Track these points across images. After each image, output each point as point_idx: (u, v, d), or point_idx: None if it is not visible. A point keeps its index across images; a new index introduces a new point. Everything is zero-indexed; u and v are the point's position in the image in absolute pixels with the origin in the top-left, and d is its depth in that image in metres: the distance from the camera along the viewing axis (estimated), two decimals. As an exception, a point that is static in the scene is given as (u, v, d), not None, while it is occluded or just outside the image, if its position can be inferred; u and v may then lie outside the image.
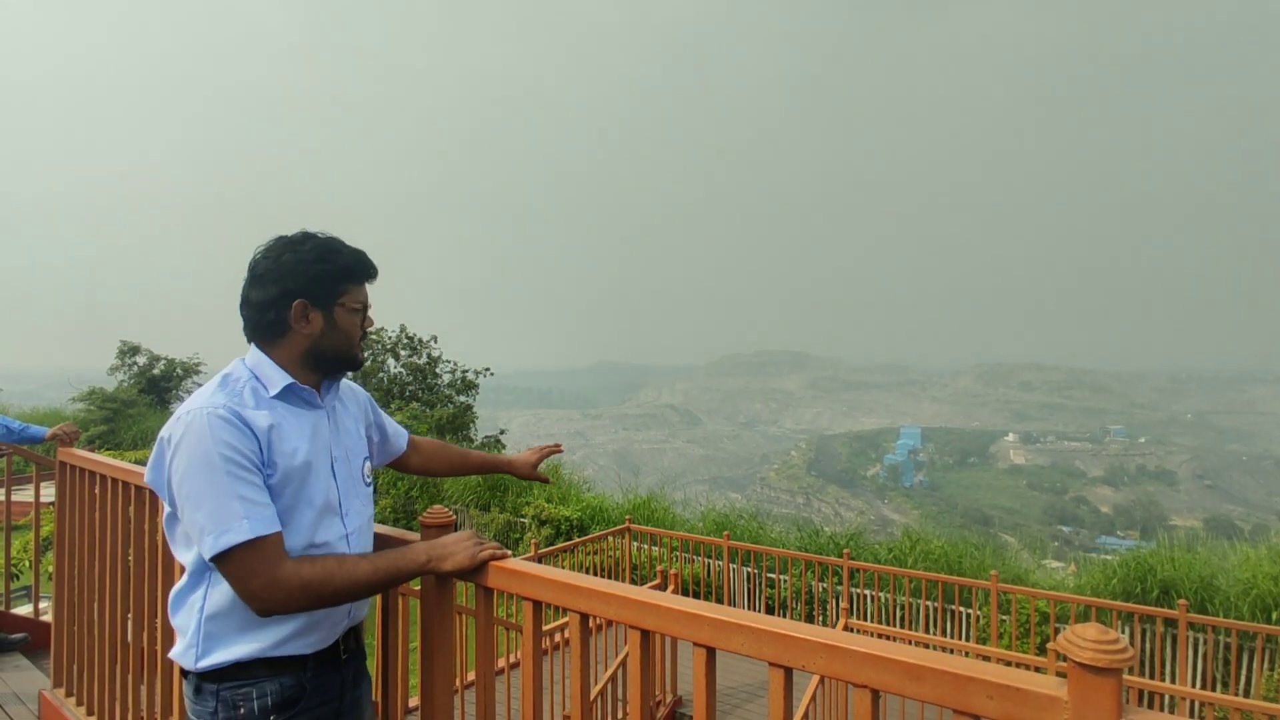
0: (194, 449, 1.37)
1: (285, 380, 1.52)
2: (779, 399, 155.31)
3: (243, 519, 1.34)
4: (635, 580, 8.43)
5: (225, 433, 1.38)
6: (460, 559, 1.48)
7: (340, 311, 1.58)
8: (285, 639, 1.47)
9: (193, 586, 1.47)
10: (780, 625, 1.07)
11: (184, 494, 1.37)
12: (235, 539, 1.33)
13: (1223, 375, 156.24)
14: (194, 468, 1.36)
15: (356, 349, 1.63)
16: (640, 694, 1.25)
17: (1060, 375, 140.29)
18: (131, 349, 19.57)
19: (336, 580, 1.40)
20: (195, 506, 1.35)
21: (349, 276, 1.59)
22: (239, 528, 1.34)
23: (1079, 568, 9.53)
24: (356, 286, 1.61)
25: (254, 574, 1.34)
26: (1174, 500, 74.26)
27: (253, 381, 1.51)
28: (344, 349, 1.60)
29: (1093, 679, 0.83)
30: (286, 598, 1.36)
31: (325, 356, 1.59)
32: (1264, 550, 7.29)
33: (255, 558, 1.34)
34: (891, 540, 9.68)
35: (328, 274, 1.55)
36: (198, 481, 1.36)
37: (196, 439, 1.37)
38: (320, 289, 1.55)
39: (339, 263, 1.57)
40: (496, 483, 12.41)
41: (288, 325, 1.54)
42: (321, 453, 1.56)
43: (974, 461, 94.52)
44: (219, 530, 1.33)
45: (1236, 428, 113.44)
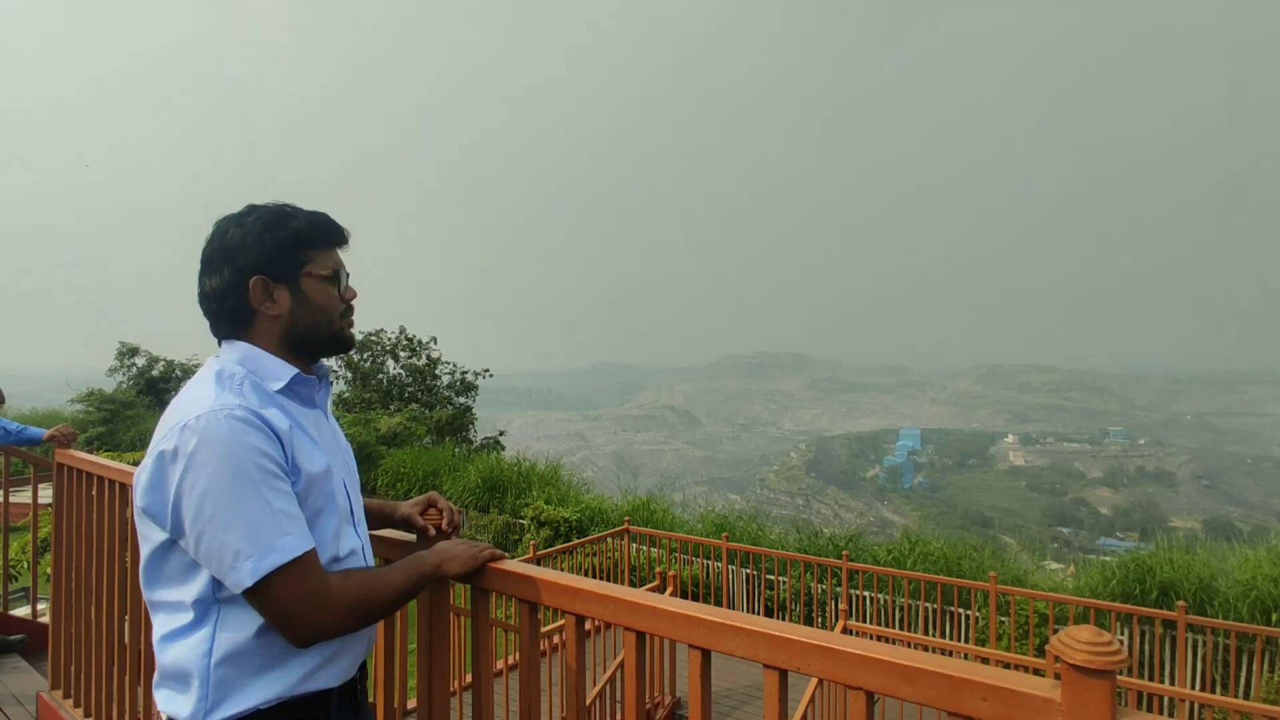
0: (218, 461, 1.16)
1: (290, 371, 1.34)
2: (778, 400, 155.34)
3: (286, 534, 1.17)
4: (634, 582, 8.43)
5: (252, 436, 1.19)
6: (464, 560, 1.41)
7: (309, 282, 1.37)
8: (312, 671, 1.28)
9: (194, 628, 1.23)
10: (775, 627, 1.07)
11: (206, 516, 1.15)
12: (280, 559, 1.15)
13: (1222, 376, 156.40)
14: (221, 483, 1.15)
15: (340, 323, 1.42)
16: (635, 696, 1.25)
17: (1059, 377, 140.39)
18: (130, 350, 19.57)
19: (382, 593, 1.27)
20: (225, 529, 1.14)
21: (308, 241, 1.37)
22: (283, 546, 1.16)
23: (1078, 569, 9.53)
24: (321, 251, 1.39)
25: (300, 597, 1.17)
26: (1173, 502, 74.26)
27: (251, 377, 1.30)
28: (324, 324, 1.39)
29: (1086, 681, 0.83)
30: (337, 619, 1.21)
31: (306, 338, 1.38)
32: (1263, 552, 7.29)
33: (301, 578, 1.17)
34: (891, 542, 9.68)
35: (282, 242, 1.34)
36: (227, 499, 1.15)
37: (220, 448, 1.16)
38: (278, 260, 1.34)
39: (292, 226, 1.35)
40: (495, 484, 12.40)
41: (251, 309, 1.34)
42: (334, 454, 1.41)
43: (973, 463, 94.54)
44: (260, 552, 1.14)
45: (1236, 429, 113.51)
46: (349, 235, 1.46)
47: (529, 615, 1.43)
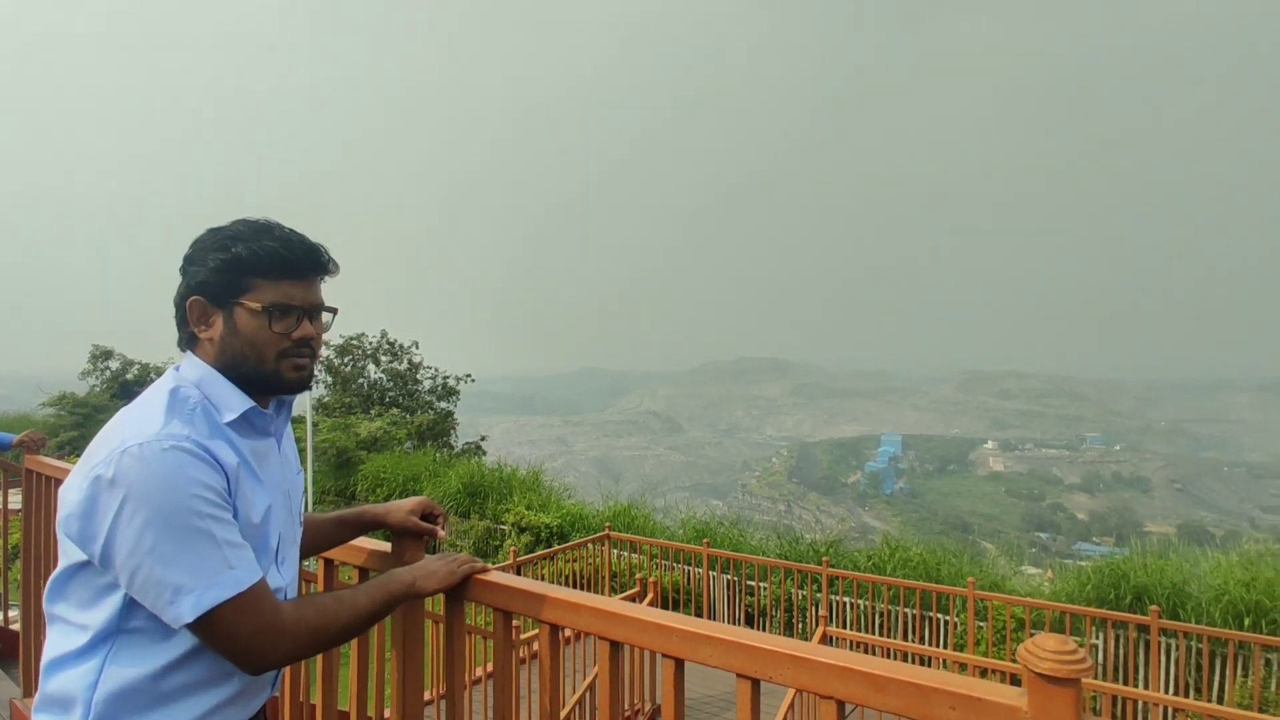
0: (161, 493, 1.09)
1: (245, 404, 1.25)
2: (761, 406, 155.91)
3: (230, 568, 1.12)
4: (615, 588, 8.41)
5: (196, 470, 1.12)
6: (441, 576, 1.38)
7: (241, 312, 1.24)
8: (206, 713, 1.19)
9: (85, 655, 1.14)
10: (747, 636, 1.07)
11: (145, 549, 1.08)
12: (224, 593, 1.10)
13: (1197, 383, 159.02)
14: (162, 517, 1.08)
15: (276, 364, 1.27)
16: (610, 705, 1.24)
17: (1038, 383, 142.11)
18: (104, 353, 19.30)
19: (342, 618, 1.23)
20: (165, 564, 1.08)
21: (253, 269, 1.23)
22: (228, 580, 1.11)
23: (1056, 574, 9.63)
24: (269, 282, 1.24)
25: (253, 629, 1.12)
26: (1148, 507, 75.33)
27: (205, 403, 1.22)
28: (252, 360, 1.25)
29: (1052, 689, 0.84)
30: (293, 649, 1.17)
31: (235, 371, 1.26)
32: (1235, 557, 7.40)
33: (252, 610, 1.12)
34: (871, 547, 9.73)
35: (222, 265, 1.23)
36: (168, 534, 1.08)
37: (163, 480, 1.09)
38: (216, 284, 1.23)
39: (237, 252, 1.23)
40: (476, 489, 12.34)
41: (191, 329, 1.27)
42: (277, 493, 1.32)
43: (954, 468, 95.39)
44: (203, 586, 1.09)
45: (1210, 435, 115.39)
46: (329, 268, 1.33)
47: (503, 624, 1.42)
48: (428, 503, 1.59)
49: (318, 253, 1.31)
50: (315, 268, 1.31)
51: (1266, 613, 6.47)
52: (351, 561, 1.65)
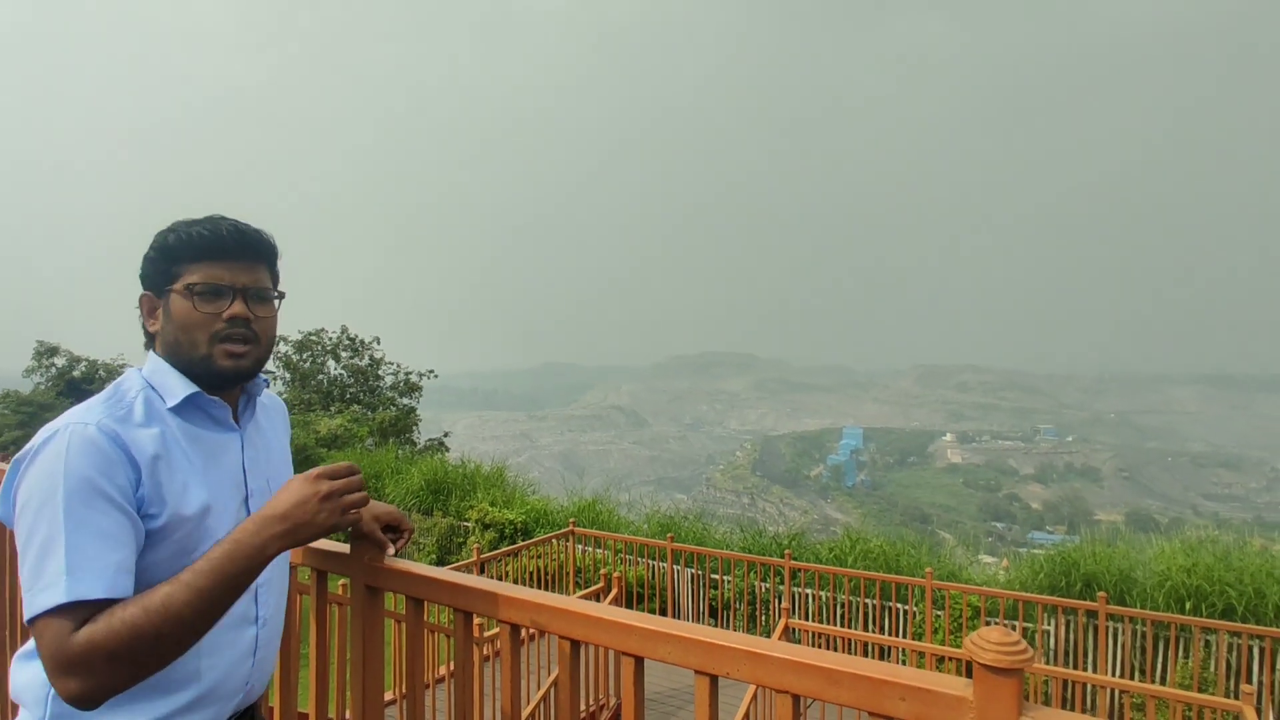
0: (42, 475, 1.05)
1: (188, 389, 1.21)
2: (725, 400, 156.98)
3: (61, 577, 1.00)
4: (580, 584, 8.42)
5: (88, 458, 1.06)
6: (323, 521, 1.15)
7: (174, 299, 1.22)
8: (166, 716, 1.15)
9: (35, 654, 1.10)
10: (705, 634, 1.09)
11: (21, 528, 1.05)
12: (45, 603, 1.00)
13: (1142, 377, 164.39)
14: (35, 499, 1.05)
15: (203, 348, 1.22)
16: (571, 703, 1.25)
17: (994, 377, 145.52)
18: (49, 350, 18.67)
19: (151, 626, 1.02)
20: (27, 549, 1.04)
21: (180, 254, 1.22)
22: (53, 587, 1.00)
23: (1011, 562, 9.90)
24: (194, 265, 1.22)
25: (47, 655, 1.00)
26: (1098, 496, 77.77)
27: (147, 391, 1.20)
28: (185, 345, 1.21)
29: (995, 679, 0.87)
30: (97, 682, 1.00)
31: (176, 361, 1.23)
32: (1177, 544, 7.69)
33: (49, 634, 1.00)
34: (833, 540, 9.89)
35: (157, 254, 1.23)
36: (36, 518, 1.04)
37: (49, 463, 1.06)
38: (153, 275, 1.24)
39: (165, 239, 1.23)
40: (439, 486, 12.23)
41: (145, 326, 1.28)
42: (228, 487, 1.25)
43: (913, 461, 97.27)
44: (36, 588, 1.01)
45: (1156, 426, 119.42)
46: (260, 251, 1.29)
47: (464, 623, 1.42)
48: (397, 515, 1.50)
49: (250, 236, 1.27)
50: (246, 250, 1.27)
51: (1206, 597, 6.74)
52: (309, 564, 1.63)
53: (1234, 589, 6.68)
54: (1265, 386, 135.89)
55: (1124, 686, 5.11)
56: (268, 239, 1.32)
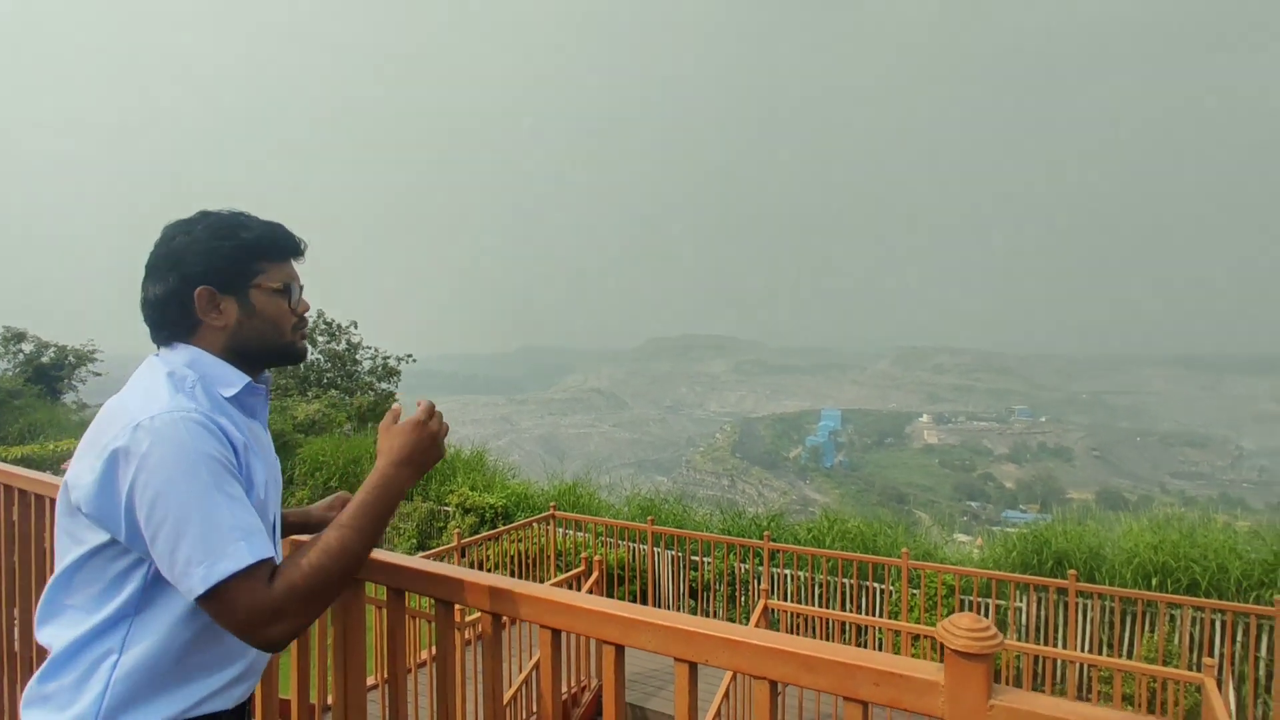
0: (173, 464, 1.12)
1: (243, 380, 1.31)
2: (704, 383, 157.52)
3: (237, 541, 1.11)
4: (560, 566, 8.46)
5: (208, 441, 1.15)
6: (437, 457, 1.35)
7: (258, 294, 1.33)
8: (212, 694, 1.24)
9: (101, 636, 1.17)
10: (684, 622, 1.11)
11: (158, 519, 1.11)
12: (232, 566, 1.10)
13: (1114, 358, 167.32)
14: (175, 487, 1.11)
15: (291, 336, 1.39)
16: (552, 691, 1.27)
17: (970, 359, 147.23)
18: (16, 335, 18.27)
19: (335, 566, 1.18)
20: (178, 534, 1.10)
21: (261, 253, 1.34)
22: (235, 552, 1.11)
23: (985, 541, 10.09)
24: (274, 264, 1.36)
25: (250, 607, 1.11)
26: (1070, 475, 79.26)
27: (201, 382, 1.26)
28: (273, 337, 1.36)
29: (966, 664, 0.90)
30: (296, 622, 1.15)
31: (251, 349, 1.34)
32: (1145, 521, 7.89)
33: (250, 589, 1.11)
34: (811, 520, 10.00)
35: (232, 252, 1.31)
36: (181, 504, 1.10)
37: (176, 451, 1.12)
38: (226, 271, 1.30)
39: (244, 238, 1.32)
40: (419, 471, 12.18)
41: (196, 319, 1.30)
42: (273, 469, 1.39)
43: (891, 442, 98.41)
44: (212, 558, 1.09)
45: (1127, 406, 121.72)
46: (305, 247, 1.43)
47: (445, 610, 1.43)
48: (344, 496, 1.63)
49: (294, 235, 1.43)
50: (299, 248, 1.43)
51: (1172, 573, 6.92)
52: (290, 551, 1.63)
53: (1198, 565, 6.87)
54: (1232, 368, 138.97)
55: (1092, 661, 5.26)
56: None
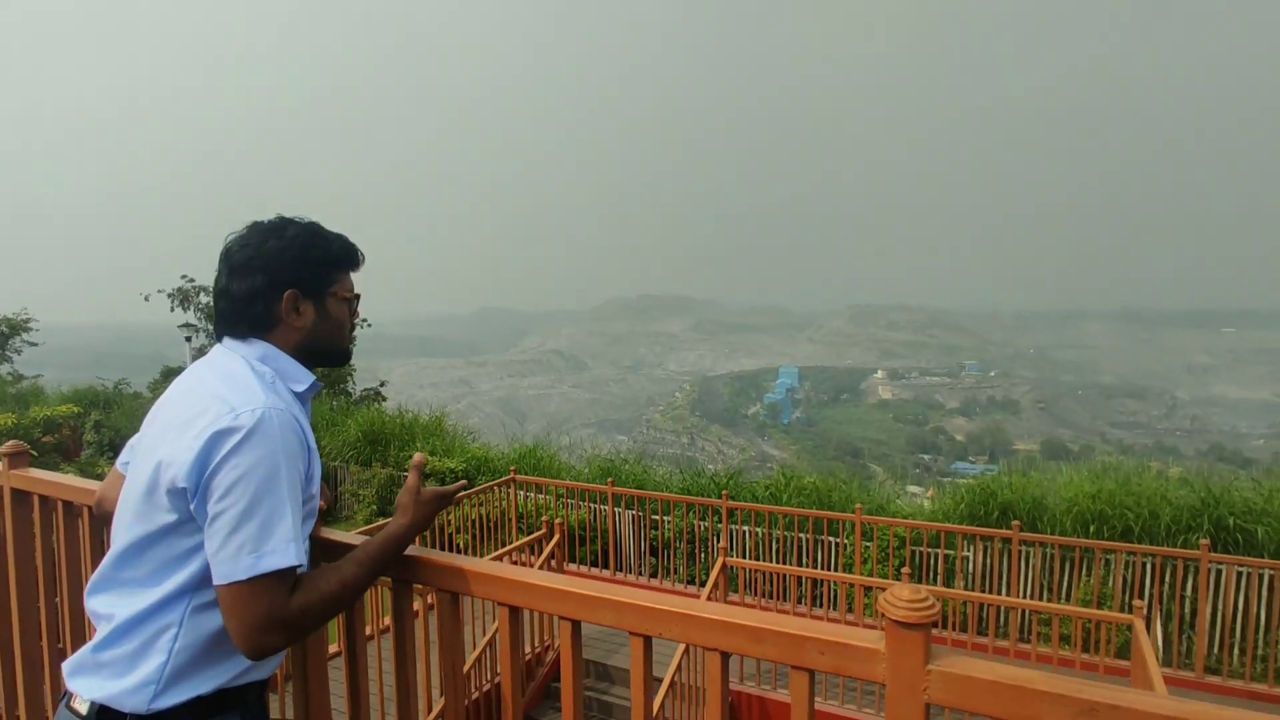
0: (265, 454, 1.22)
1: (310, 377, 1.44)
2: (663, 342, 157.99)
3: (290, 542, 1.20)
4: (522, 529, 8.52)
5: (293, 440, 1.28)
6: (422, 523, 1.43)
7: (333, 302, 1.49)
8: (253, 666, 1.33)
9: (165, 610, 1.26)
10: (639, 597, 1.14)
11: (234, 498, 1.19)
12: (277, 563, 1.18)
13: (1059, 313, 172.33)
14: (259, 474, 1.20)
15: (348, 340, 1.56)
16: (512, 668, 1.29)
17: (923, 315, 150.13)
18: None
19: (343, 596, 1.29)
20: (246, 516, 1.19)
21: (339, 264, 1.51)
22: (285, 552, 1.19)
23: (936, 492, 10.46)
24: (345, 275, 1.53)
25: (272, 611, 1.18)
26: (1017, 427, 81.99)
27: (276, 380, 1.38)
28: (337, 341, 1.51)
29: (905, 633, 0.94)
30: (290, 638, 1.24)
31: (318, 350, 1.48)
32: (1084, 471, 8.25)
33: (280, 591, 1.19)
34: (769, 477, 10.22)
35: (318, 261, 1.46)
36: (259, 490, 1.20)
37: (271, 443, 1.23)
38: (312, 278, 1.45)
39: (329, 250, 1.48)
40: (376, 437, 12.08)
41: (278, 318, 1.41)
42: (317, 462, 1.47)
43: (846, 398, 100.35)
44: (262, 550, 1.18)
45: (1070, 360, 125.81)
46: (364, 260, 1.57)
47: (403, 593, 1.44)
48: None
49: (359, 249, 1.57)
50: (362, 260, 1.57)
51: (1108, 520, 7.28)
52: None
53: (1132, 512, 7.23)
54: (1169, 321, 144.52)
55: (1032, 606, 5.54)
56: None
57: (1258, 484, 7.46)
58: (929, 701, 0.94)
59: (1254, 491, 7.26)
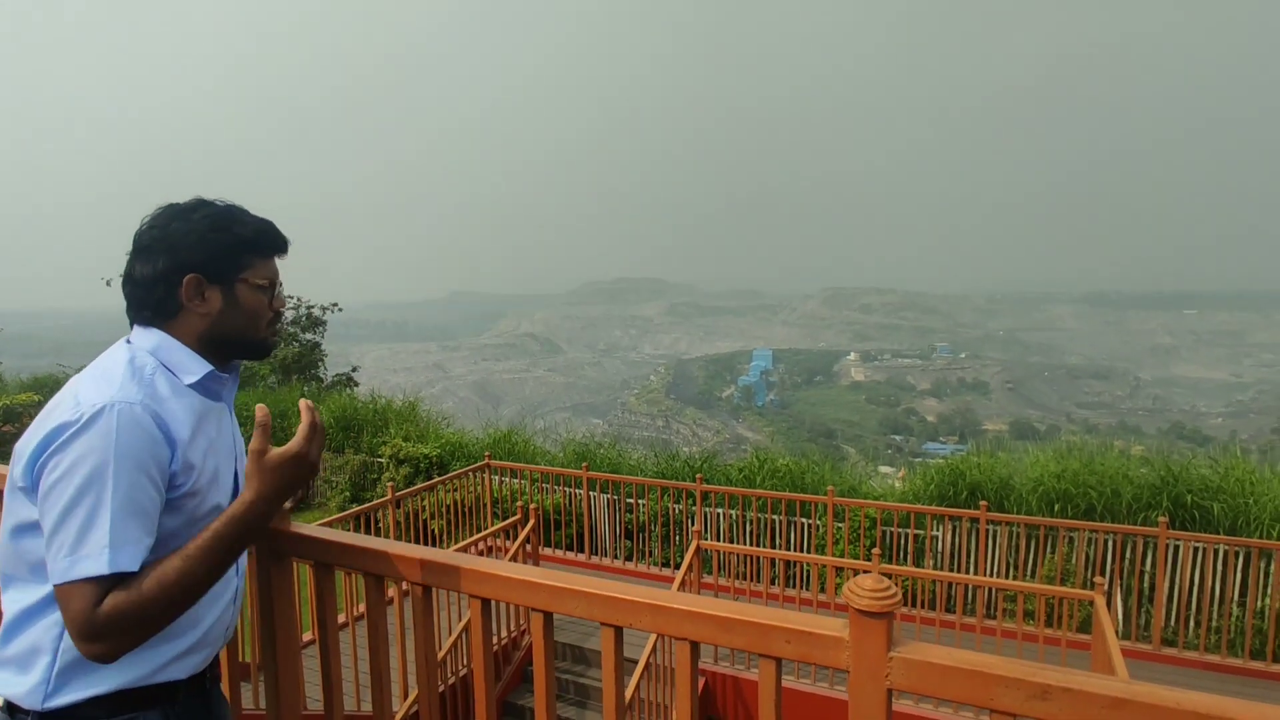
0: (93, 449, 1.15)
1: (205, 368, 1.35)
2: (638, 325, 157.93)
3: (105, 550, 1.13)
4: (497, 514, 8.52)
5: (137, 438, 1.19)
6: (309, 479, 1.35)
7: (243, 288, 1.38)
8: (167, 663, 1.28)
9: (49, 607, 1.21)
10: (609, 589, 1.15)
11: (55, 496, 1.15)
12: (87, 570, 1.12)
13: (1028, 295, 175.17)
14: (81, 471, 1.14)
15: (264, 332, 1.43)
16: (484, 661, 1.30)
17: (896, 298, 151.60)
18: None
19: (166, 598, 1.17)
20: (65, 516, 1.14)
21: (252, 248, 1.39)
22: (98, 558, 1.12)
23: (907, 472, 10.63)
24: (262, 260, 1.41)
25: (74, 617, 1.12)
26: (986, 408, 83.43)
27: (161, 369, 1.31)
28: (247, 331, 1.40)
29: (869, 622, 0.97)
30: (105, 649, 1.15)
31: (226, 340, 1.39)
32: (1050, 451, 8.43)
33: (88, 599, 1.12)
34: (743, 459, 10.31)
35: (226, 244, 1.35)
36: (80, 490, 1.14)
37: (100, 438, 1.16)
38: (217, 262, 1.35)
39: (239, 232, 1.37)
40: (350, 422, 11.97)
41: (179, 303, 1.34)
42: (226, 456, 1.42)
43: (820, 380, 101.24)
44: (78, 554, 1.12)
45: (1039, 342, 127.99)
46: (289, 246, 1.48)
47: (374, 586, 1.44)
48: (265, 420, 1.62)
49: (282, 234, 1.47)
50: (285, 246, 1.47)
51: (1072, 499, 7.46)
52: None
53: (1095, 491, 7.42)
54: (1134, 303, 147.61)
55: (998, 585, 5.68)
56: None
57: (1214, 462, 7.68)
58: (890, 687, 0.97)
59: (1211, 469, 7.48)
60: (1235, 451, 7.76)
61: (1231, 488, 7.03)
